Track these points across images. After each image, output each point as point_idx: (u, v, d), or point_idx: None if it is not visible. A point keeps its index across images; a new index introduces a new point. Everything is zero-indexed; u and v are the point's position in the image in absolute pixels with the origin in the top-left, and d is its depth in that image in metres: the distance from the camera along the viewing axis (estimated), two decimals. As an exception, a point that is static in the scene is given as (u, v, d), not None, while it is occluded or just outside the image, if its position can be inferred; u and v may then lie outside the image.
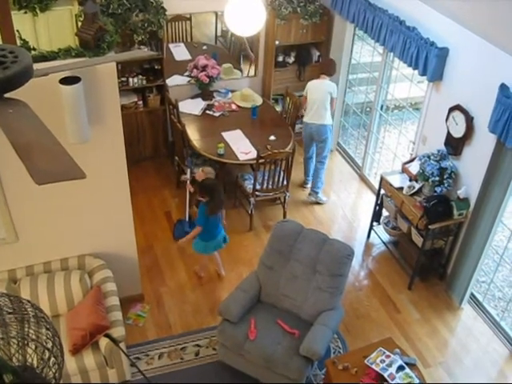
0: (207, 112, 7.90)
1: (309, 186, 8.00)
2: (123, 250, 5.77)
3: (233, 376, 5.49)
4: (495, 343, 6.12)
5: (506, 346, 6.07)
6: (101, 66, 4.46)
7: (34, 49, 4.41)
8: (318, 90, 7.32)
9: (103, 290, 5.32)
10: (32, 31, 5.31)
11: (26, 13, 5.30)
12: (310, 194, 7.89)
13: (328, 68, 7.40)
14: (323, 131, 7.43)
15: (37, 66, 2.58)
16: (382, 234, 7.27)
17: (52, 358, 2.06)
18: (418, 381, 4.82)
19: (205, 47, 8.74)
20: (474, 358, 5.96)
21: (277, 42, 8.10)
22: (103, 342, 4.95)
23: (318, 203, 7.83)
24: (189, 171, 6.81)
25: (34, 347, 2.08)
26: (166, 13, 7.29)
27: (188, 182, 6.84)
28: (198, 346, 5.86)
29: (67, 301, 5.23)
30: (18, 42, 4.42)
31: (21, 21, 5.12)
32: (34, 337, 2.07)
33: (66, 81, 4.06)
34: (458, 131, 5.96)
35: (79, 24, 4.72)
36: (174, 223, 7.29)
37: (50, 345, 2.07)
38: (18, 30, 4.50)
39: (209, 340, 5.91)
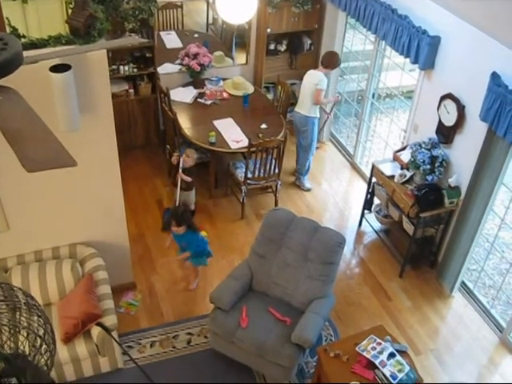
0: (198, 100, 7.87)
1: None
2: (115, 239, 5.76)
3: (225, 364, 5.51)
4: (485, 330, 6.17)
5: (496, 333, 6.11)
6: (91, 54, 4.44)
7: (24, 36, 4.37)
8: (306, 80, 7.38)
9: (95, 279, 5.31)
10: (22, 19, 5.28)
11: (15, 0, 5.26)
12: (295, 178, 7.99)
13: (327, 59, 7.34)
14: (304, 122, 7.47)
15: (27, 54, 2.56)
16: (373, 222, 7.29)
17: (44, 345, 2.06)
18: (408, 368, 4.85)
19: (196, 35, 8.71)
20: (464, 346, 6.00)
21: (268, 30, 8.07)
22: (95, 330, 4.95)
23: (309, 191, 7.84)
24: (181, 160, 6.81)
25: (25, 334, 2.08)
26: (157, 0, 7.24)
27: (180, 170, 6.84)
28: (189, 334, 5.87)
29: (59, 289, 5.23)
30: (8, 30, 4.38)
31: (10, 8, 5.08)
32: (25, 324, 2.07)
33: (56, 69, 4.03)
34: (450, 119, 5.97)
35: (69, 11, 4.68)
36: (163, 212, 7.28)
37: (41, 332, 2.07)
38: (7, 18, 4.46)
39: (200, 328, 5.92)
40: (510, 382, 5.70)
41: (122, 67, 7.54)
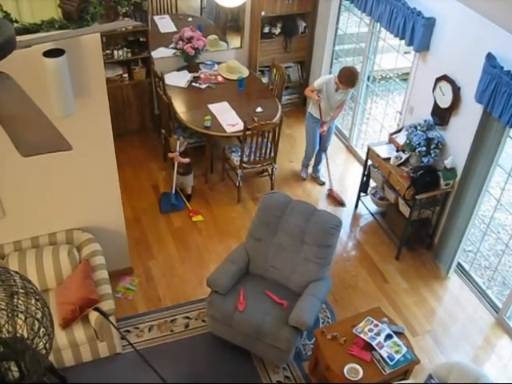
0: (193, 84, 7.84)
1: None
2: (111, 224, 5.76)
3: (223, 347, 5.54)
4: (481, 311, 6.20)
5: (492, 314, 6.15)
6: (85, 38, 4.41)
7: (17, 21, 4.33)
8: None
9: (92, 264, 5.32)
10: (14, 3, 5.21)
11: (7, -15, 5.21)
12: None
13: (341, 74, 6.88)
14: None
15: (20, 39, 2.55)
16: (369, 205, 7.30)
17: (42, 329, 2.06)
18: (405, 349, 4.89)
19: (190, 19, 8.65)
20: (460, 326, 6.04)
21: (263, 13, 8.01)
22: (93, 315, 4.97)
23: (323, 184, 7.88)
24: (178, 143, 6.81)
25: (23, 318, 2.08)
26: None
27: (177, 153, 6.84)
28: (187, 318, 5.89)
29: (56, 275, 5.23)
30: (0, 15, 4.34)
31: (2, -7, 5.02)
32: (23, 308, 2.07)
33: (49, 53, 4.00)
34: (445, 101, 5.97)
35: (62, -5, 4.63)
36: (160, 196, 7.28)
37: (39, 315, 2.07)
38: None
39: (198, 312, 5.94)
40: (505, 361, 5.75)
41: (116, 52, 7.50)
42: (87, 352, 5.21)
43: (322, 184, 7.80)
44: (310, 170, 7.91)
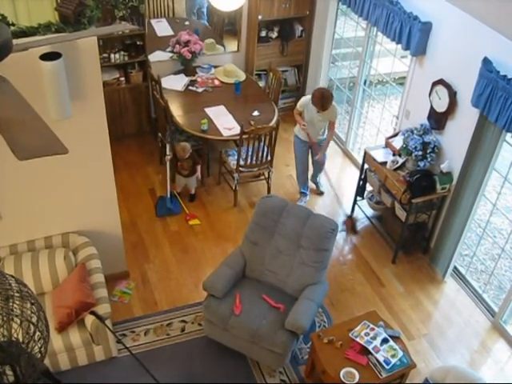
0: (190, 88, 7.84)
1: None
2: (107, 228, 5.75)
3: (219, 351, 5.53)
4: (477, 315, 6.21)
5: (488, 317, 6.15)
6: (82, 42, 4.41)
7: (13, 24, 4.33)
8: None
9: (88, 268, 5.31)
10: (11, 6, 5.21)
11: (4, -12, 5.21)
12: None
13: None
14: None
15: (16, 42, 2.55)
16: (365, 209, 7.30)
17: (37, 333, 2.06)
18: (402, 353, 4.89)
19: (187, 23, 8.65)
20: (456, 330, 6.05)
21: (260, 17, 8.03)
22: (89, 319, 4.96)
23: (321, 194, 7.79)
24: (168, 146, 6.83)
25: (19, 322, 2.07)
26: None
27: (168, 157, 6.88)
28: (183, 321, 5.88)
29: (52, 279, 5.22)
30: (-3, 18, 4.35)
31: (-1, -4, 5.03)
32: (18, 312, 2.07)
33: (46, 57, 4.00)
34: (441, 105, 5.98)
35: (59, -1, 4.64)
36: (156, 200, 7.28)
37: (34, 319, 2.07)
38: (-4, 6, 4.43)
39: (194, 316, 5.93)
40: (501, 365, 5.75)
41: (112, 55, 7.50)
42: (83, 356, 5.19)
43: (321, 194, 7.70)
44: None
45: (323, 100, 6.48)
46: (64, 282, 5.19)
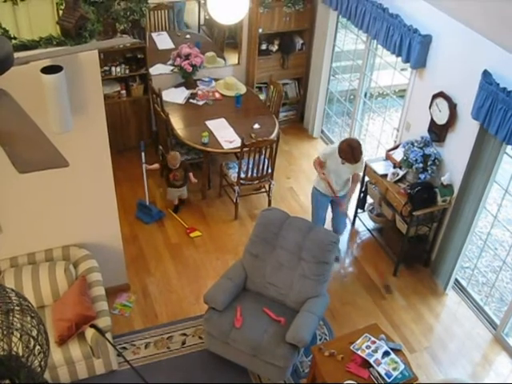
0: (191, 101, 7.87)
1: None
2: (108, 240, 5.75)
3: (219, 364, 5.50)
4: (479, 328, 6.18)
5: (490, 330, 6.13)
6: (83, 55, 4.43)
7: (15, 38, 4.35)
8: None
9: (88, 281, 5.30)
10: (12, 20, 5.24)
11: (5, 1, 5.23)
12: None
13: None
14: None
15: (17, 55, 2.56)
16: (366, 221, 7.30)
17: (37, 346, 2.05)
18: (403, 366, 4.86)
19: (188, 36, 8.70)
20: (458, 343, 6.02)
21: (260, 30, 8.07)
22: (89, 332, 4.94)
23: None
24: (143, 155, 6.87)
25: (18, 336, 2.07)
26: (149, 1, 7.23)
27: (144, 166, 6.99)
28: (184, 334, 5.86)
29: (52, 292, 5.21)
30: (-2, 31, 4.37)
31: (1, 10, 5.05)
32: (18, 325, 2.06)
33: (47, 70, 4.01)
34: (442, 118, 5.99)
35: (60, 12, 4.66)
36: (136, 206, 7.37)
37: (34, 333, 2.06)
38: (-3, 19, 4.44)
39: (195, 329, 5.91)
40: (503, 378, 5.72)
41: (113, 68, 7.53)
42: (83, 369, 5.17)
43: (336, 260, 6.71)
44: None
45: (354, 152, 5.88)
46: (64, 294, 5.18)
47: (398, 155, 6.47)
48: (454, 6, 5.46)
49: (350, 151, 5.87)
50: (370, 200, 7.15)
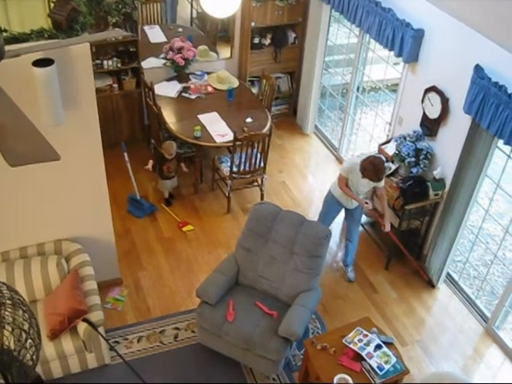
0: (183, 94, 7.85)
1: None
2: (100, 234, 5.74)
3: (212, 358, 5.51)
4: (470, 321, 6.22)
5: (481, 323, 6.16)
6: (74, 48, 4.41)
7: (6, 30, 4.33)
8: None
9: (81, 275, 5.29)
10: (3, 13, 5.21)
11: (-4, -5, 5.21)
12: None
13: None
14: None
15: (8, 48, 2.54)
16: (359, 215, 7.29)
17: (29, 340, 2.05)
18: (395, 359, 4.88)
19: (180, 29, 8.66)
20: (449, 336, 6.05)
21: (253, 24, 8.05)
22: (82, 326, 4.93)
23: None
24: (126, 155, 6.86)
25: (10, 330, 2.06)
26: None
27: (128, 164, 6.99)
28: (177, 328, 5.86)
29: (44, 286, 5.20)
30: (-11, 25, 4.34)
31: (-8, 3, 5.03)
32: (10, 319, 2.06)
33: (39, 63, 4.00)
34: (434, 112, 6.00)
35: (52, 5, 4.64)
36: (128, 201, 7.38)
37: (26, 326, 2.06)
38: (-11, 13, 4.42)
39: (188, 323, 5.92)
40: (494, 370, 5.76)
41: (105, 62, 7.49)
42: (75, 363, 5.17)
43: (350, 281, 6.62)
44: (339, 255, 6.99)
45: (378, 172, 5.62)
46: (56, 289, 5.17)
47: (391, 149, 6.48)
48: (446, 0, 5.47)
49: (375, 171, 5.60)
50: (362, 194, 7.15)
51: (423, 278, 6.57)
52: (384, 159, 5.87)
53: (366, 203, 6.06)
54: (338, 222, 7.29)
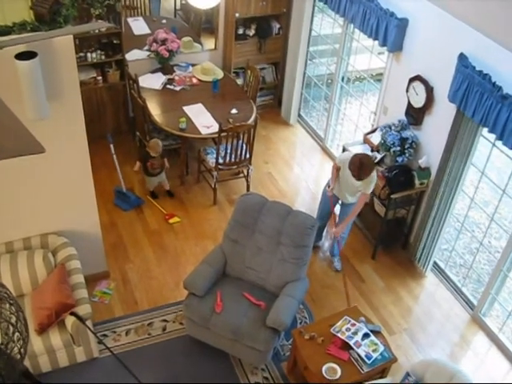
0: (168, 86, 7.81)
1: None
2: (87, 228, 5.71)
3: (201, 349, 5.52)
4: (457, 308, 6.27)
5: (467, 310, 6.22)
6: (58, 40, 4.37)
7: (-13, 23, 4.30)
8: None
9: (68, 268, 5.27)
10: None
11: (-23, -13, 5.15)
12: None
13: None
14: None
15: (-9, 40, 2.52)
16: (345, 205, 7.31)
17: (16, 333, 2.04)
18: (383, 347, 4.92)
19: (164, 21, 8.62)
20: (437, 324, 6.10)
21: (237, 15, 8.02)
22: (69, 320, 4.92)
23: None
24: (112, 146, 6.83)
25: (-2, 323, 2.06)
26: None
27: (114, 156, 6.95)
28: (164, 321, 5.86)
29: (31, 280, 5.18)
30: (-29, 17, 4.30)
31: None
32: (-3, 313, 2.05)
33: (22, 56, 3.96)
34: (419, 101, 6.02)
35: (34, -3, 4.60)
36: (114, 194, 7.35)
37: (13, 320, 2.05)
38: (-31, 5, 4.38)
39: (175, 315, 5.92)
40: (480, 357, 5.81)
41: (89, 54, 7.44)
42: (64, 357, 5.16)
43: (336, 271, 6.65)
44: (326, 245, 7.06)
45: (361, 169, 5.56)
46: (43, 283, 5.15)
47: (376, 139, 6.50)
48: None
49: (359, 167, 5.53)
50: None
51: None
52: (373, 162, 5.83)
53: (329, 186, 6.23)
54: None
